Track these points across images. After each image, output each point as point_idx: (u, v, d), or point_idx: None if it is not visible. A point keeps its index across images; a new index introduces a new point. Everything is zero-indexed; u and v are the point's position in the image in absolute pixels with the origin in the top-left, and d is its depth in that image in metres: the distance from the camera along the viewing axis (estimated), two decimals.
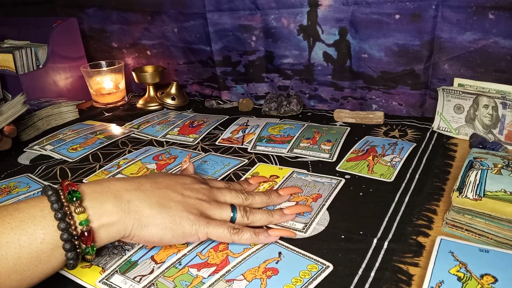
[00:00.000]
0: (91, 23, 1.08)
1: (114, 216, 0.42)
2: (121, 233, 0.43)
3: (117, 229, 0.43)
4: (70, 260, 0.41)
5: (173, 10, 0.95)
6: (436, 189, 0.57)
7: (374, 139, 0.72)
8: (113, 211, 0.43)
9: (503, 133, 0.66)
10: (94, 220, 0.41)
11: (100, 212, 0.42)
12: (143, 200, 0.45)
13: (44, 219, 0.40)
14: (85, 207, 0.41)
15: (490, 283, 0.38)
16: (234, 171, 0.65)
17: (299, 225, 0.50)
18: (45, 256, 0.39)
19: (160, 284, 0.43)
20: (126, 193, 0.44)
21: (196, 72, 1.02)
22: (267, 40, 0.88)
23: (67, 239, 0.40)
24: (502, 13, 0.66)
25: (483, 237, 0.46)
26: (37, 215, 0.40)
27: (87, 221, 0.41)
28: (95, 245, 0.42)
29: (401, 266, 0.43)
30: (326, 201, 0.55)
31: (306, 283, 0.41)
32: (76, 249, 0.41)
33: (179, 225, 0.45)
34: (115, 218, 0.42)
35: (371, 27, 0.76)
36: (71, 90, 1.03)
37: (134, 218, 0.43)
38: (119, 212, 0.43)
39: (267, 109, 0.88)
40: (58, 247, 0.40)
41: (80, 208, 0.41)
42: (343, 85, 0.86)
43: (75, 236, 0.40)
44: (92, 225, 0.41)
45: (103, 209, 0.42)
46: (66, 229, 0.40)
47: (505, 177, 0.48)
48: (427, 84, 0.77)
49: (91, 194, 0.43)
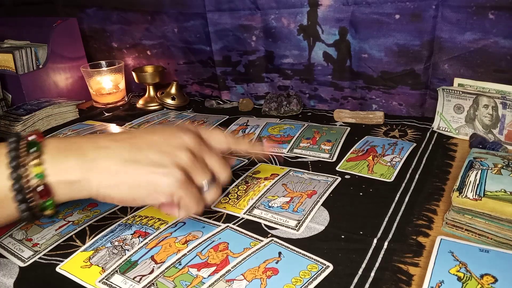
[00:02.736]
0: (91, 23, 1.08)
1: (77, 173, 0.40)
2: (85, 192, 0.40)
3: (80, 188, 0.40)
4: (24, 212, 0.38)
5: (173, 10, 0.95)
6: (436, 189, 0.57)
7: (374, 139, 0.72)
8: (75, 168, 0.40)
9: (503, 133, 0.66)
10: (51, 175, 0.39)
11: (59, 168, 0.39)
12: (109, 157, 0.41)
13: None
14: (43, 160, 0.39)
15: (490, 283, 0.38)
16: (234, 171, 0.65)
17: (292, 222, 0.51)
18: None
19: (160, 284, 0.43)
20: (92, 151, 0.41)
21: (196, 72, 1.02)
22: (267, 40, 0.88)
23: (18, 189, 0.38)
24: (502, 13, 0.66)
25: (483, 237, 0.46)
26: None
27: (42, 175, 0.38)
28: (54, 200, 0.39)
29: (401, 266, 0.43)
30: (320, 198, 0.55)
31: (306, 283, 0.41)
32: (28, 202, 0.38)
33: (153, 184, 0.41)
34: (77, 176, 0.40)
35: (371, 27, 0.76)
36: (71, 90, 1.04)
37: (100, 177, 0.40)
38: (81, 170, 0.40)
39: (267, 109, 0.88)
40: (8, 196, 0.38)
41: (37, 160, 0.38)
42: (343, 85, 0.86)
43: (27, 188, 0.38)
44: (48, 179, 0.39)
45: (63, 165, 0.40)
46: (17, 180, 0.37)
47: (505, 177, 0.48)
48: (427, 84, 0.77)
49: (53, 149, 0.40)
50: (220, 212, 0.55)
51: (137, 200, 0.42)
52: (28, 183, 0.38)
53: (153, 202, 0.43)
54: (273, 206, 0.54)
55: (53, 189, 0.39)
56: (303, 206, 0.54)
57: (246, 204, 0.55)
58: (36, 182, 0.38)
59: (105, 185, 0.41)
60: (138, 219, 0.54)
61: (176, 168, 0.42)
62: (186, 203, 0.43)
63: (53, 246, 0.50)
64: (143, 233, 0.51)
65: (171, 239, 0.49)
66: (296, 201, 0.55)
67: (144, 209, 0.57)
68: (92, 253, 0.48)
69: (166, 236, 0.50)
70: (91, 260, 0.47)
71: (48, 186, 0.39)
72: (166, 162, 0.42)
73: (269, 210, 0.54)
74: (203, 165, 0.45)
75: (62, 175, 0.39)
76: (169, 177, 0.42)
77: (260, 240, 0.48)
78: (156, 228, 0.52)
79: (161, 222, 0.53)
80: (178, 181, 0.42)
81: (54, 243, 0.51)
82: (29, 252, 0.50)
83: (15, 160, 0.38)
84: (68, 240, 0.51)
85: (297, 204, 0.54)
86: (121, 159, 0.41)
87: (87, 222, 0.54)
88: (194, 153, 0.44)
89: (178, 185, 0.42)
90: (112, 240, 0.50)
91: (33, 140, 0.40)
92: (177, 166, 0.42)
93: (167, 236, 0.50)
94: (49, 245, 0.51)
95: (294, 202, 0.55)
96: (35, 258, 0.49)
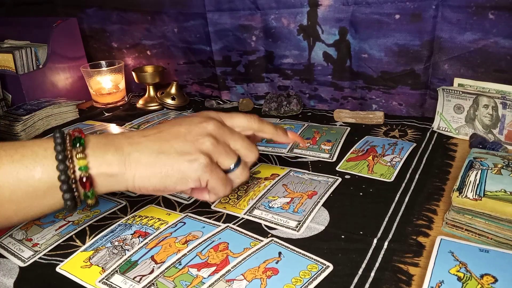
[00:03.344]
0: (91, 23, 1.08)
1: (115, 167, 0.43)
2: (122, 184, 0.44)
3: (117, 181, 0.44)
4: (67, 201, 0.42)
5: (173, 10, 0.95)
6: (436, 189, 0.57)
7: (374, 139, 0.72)
8: (113, 163, 0.43)
9: (503, 133, 0.66)
10: (94, 168, 0.43)
11: (100, 161, 0.43)
12: (142, 151, 0.45)
13: (45, 158, 0.41)
14: (87, 154, 0.43)
15: (490, 283, 0.38)
16: None
17: (292, 223, 0.51)
18: (41, 193, 0.41)
19: (160, 284, 0.43)
20: (128, 146, 0.45)
21: (196, 72, 1.02)
22: (267, 40, 0.88)
23: (64, 180, 0.41)
24: (502, 13, 0.66)
25: (483, 237, 0.46)
26: (40, 153, 0.42)
27: (86, 168, 0.42)
28: (95, 191, 0.43)
29: (401, 266, 0.43)
30: (321, 198, 0.55)
31: (306, 283, 0.41)
32: (73, 192, 0.42)
33: (180, 171, 0.45)
34: (115, 170, 0.43)
35: (371, 27, 0.76)
36: (71, 90, 1.03)
37: (135, 170, 0.44)
38: (119, 164, 0.44)
39: (267, 109, 0.88)
40: (55, 186, 0.41)
41: (81, 154, 0.42)
42: (343, 85, 0.86)
43: (73, 179, 0.42)
44: (91, 172, 0.42)
45: (103, 159, 0.43)
46: (64, 171, 0.41)
47: (505, 177, 0.48)
48: (427, 84, 0.77)
49: (95, 144, 0.44)
50: (220, 212, 0.55)
51: (168, 187, 0.46)
52: (74, 174, 0.42)
53: (183, 188, 0.46)
54: (273, 207, 0.54)
55: (95, 181, 0.43)
56: (304, 207, 0.54)
57: (246, 205, 0.55)
58: (80, 174, 0.42)
59: (139, 177, 0.44)
60: (138, 219, 0.54)
61: (200, 153, 0.45)
62: (213, 185, 0.46)
63: (53, 246, 0.50)
64: (143, 233, 0.51)
65: (171, 239, 0.49)
66: (296, 202, 0.55)
67: (144, 209, 0.57)
68: (92, 253, 0.48)
69: (166, 236, 0.50)
70: (91, 260, 0.47)
71: (91, 177, 0.42)
72: (190, 149, 0.45)
73: (269, 211, 0.54)
74: (226, 149, 0.48)
75: (103, 168, 0.43)
76: (194, 162, 0.45)
77: (260, 240, 0.48)
78: (156, 228, 0.52)
79: (161, 222, 0.53)
80: (203, 166, 0.45)
81: (54, 243, 0.51)
82: (29, 252, 0.50)
83: (62, 153, 0.41)
84: (68, 240, 0.51)
85: (298, 205, 0.54)
86: (151, 152, 0.45)
87: (87, 222, 0.54)
88: (217, 138, 0.47)
89: (203, 169, 0.45)
90: (112, 240, 0.50)
91: (78, 136, 0.43)
92: (201, 152, 0.45)
93: (167, 236, 0.50)
94: (49, 245, 0.51)
95: (295, 203, 0.55)
96: (35, 258, 0.49)
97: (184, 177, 0.45)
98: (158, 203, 0.58)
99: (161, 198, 0.60)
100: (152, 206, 0.57)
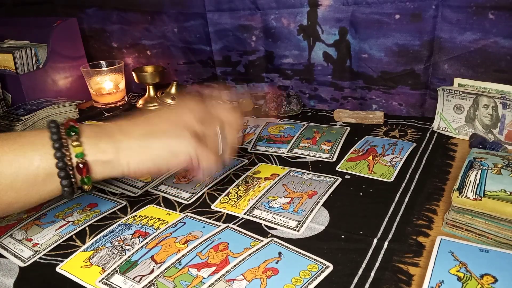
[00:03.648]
0: (91, 23, 1.08)
1: (109, 155, 0.46)
2: (118, 170, 0.46)
3: (112, 167, 0.46)
4: (65, 187, 0.44)
5: (173, 10, 0.94)
6: (436, 189, 0.57)
7: (374, 139, 0.72)
8: (107, 150, 0.46)
9: (503, 133, 0.66)
10: (89, 155, 0.45)
11: (95, 149, 0.45)
12: (133, 137, 0.47)
13: (43, 147, 0.43)
14: (82, 142, 0.45)
15: (490, 283, 0.38)
16: (234, 171, 0.65)
17: (292, 223, 0.51)
18: (40, 180, 0.43)
19: (160, 284, 0.43)
20: (119, 134, 0.47)
21: (196, 72, 1.02)
22: (267, 40, 0.88)
23: (62, 167, 0.43)
24: (502, 13, 0.66)
25: (483, 237, 0.46)
26: (37, 142, 0.43)
27: (82, 154, 0.44)
28: (91, 177, 0.45)
29: (401, 266, 0.43)
30: (321, 198, 0.55)
31: (306, 283, 0.41)
32: (70, 178, 0.44)
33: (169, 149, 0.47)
34: (109, 157, 0.46)
35: (371, 27, 0.76)
36: (71, 90, 1.03)
37: (128, 156, 0.46)
38: (113, 151, 0.46)
39: (267, 109, 0.88)
40: (53, 173, 0.43)
41: (76, 142, 0.44)
42: (343, 85, 0.85)
43: (70, 166, 0.44)
44: (87, 158, 0.44)
45: (98, 147, 0.45)
46: (62, 158, 0.43)
47: (505, 177, 0.48)
48: (427, 84, 0.77)
49: (88, 133, 0.46)
50: (220, 212, 0.55)
51: (162, 168, 0.49)
52: (70, 161, 0.44)
53: (176, 166, 0.50)
54: (273, 207, 0.54)
55: (91, 167, 0.45)
56: (304, 207, 0.54)
57: (246, 205, 0.55)
58: (77, 160, 0.44)
59: (132, 162, 0.47)
60: (138, 219, 0.54)
61: (185, 130, 0.48)
62: (204, 159, 0.49)
63: (53, 246, 0.50)
64: (143, 233, 0.51)
65: (171, 239, 0.49)
66: (296, 202, 0.55)
67: (144, 209, 0.57)
68: (92, 253, 0.48)
69: (166, 236, 0.50)
70: (91, 260, 0.47)
71: (88, 164, 0.44)
72: (176, 128, 0.49)
73: (269, 211, 0.54)
74: (210, 116, 0.52)
75: (98, 155, 0.45)
76: (180, 138, 0.48)
77: (260, 240, 0.48)
78: (156, 228, 0.52)
79: (161, 222, 0.53)
80: (190, 141, 0.48)
81: (54, 243, 0.51)
82: (29, 252, 0.50)
83: (58, 142, 0.43)
84: (68, 240, 0.52)
85: (298, 205, 0.54)
86: (140, 136, 0.48)
87: (87, 222, 0.54)
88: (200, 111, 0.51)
89: (191, 144, 0.48)
90: (112, 240, 0.50)
91: (72, 125, 0.45)
92: (186, 128, 0.48)
93: (167, 236, 0.50)
94: (49, 245, 0.51)
95: (295, 203, 0.55)
96: (35, 258, 0.49)
97: (174, 155, 0.48)
98: (158, 203, 0.58)
99: (161, 198, 0.60)
100: (152, 206, 0.57)
